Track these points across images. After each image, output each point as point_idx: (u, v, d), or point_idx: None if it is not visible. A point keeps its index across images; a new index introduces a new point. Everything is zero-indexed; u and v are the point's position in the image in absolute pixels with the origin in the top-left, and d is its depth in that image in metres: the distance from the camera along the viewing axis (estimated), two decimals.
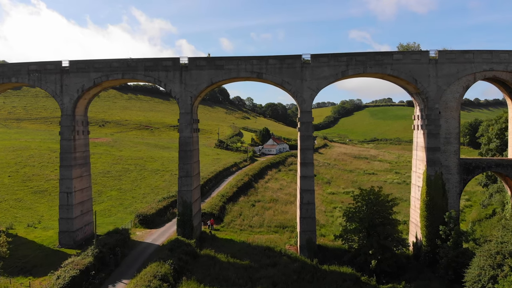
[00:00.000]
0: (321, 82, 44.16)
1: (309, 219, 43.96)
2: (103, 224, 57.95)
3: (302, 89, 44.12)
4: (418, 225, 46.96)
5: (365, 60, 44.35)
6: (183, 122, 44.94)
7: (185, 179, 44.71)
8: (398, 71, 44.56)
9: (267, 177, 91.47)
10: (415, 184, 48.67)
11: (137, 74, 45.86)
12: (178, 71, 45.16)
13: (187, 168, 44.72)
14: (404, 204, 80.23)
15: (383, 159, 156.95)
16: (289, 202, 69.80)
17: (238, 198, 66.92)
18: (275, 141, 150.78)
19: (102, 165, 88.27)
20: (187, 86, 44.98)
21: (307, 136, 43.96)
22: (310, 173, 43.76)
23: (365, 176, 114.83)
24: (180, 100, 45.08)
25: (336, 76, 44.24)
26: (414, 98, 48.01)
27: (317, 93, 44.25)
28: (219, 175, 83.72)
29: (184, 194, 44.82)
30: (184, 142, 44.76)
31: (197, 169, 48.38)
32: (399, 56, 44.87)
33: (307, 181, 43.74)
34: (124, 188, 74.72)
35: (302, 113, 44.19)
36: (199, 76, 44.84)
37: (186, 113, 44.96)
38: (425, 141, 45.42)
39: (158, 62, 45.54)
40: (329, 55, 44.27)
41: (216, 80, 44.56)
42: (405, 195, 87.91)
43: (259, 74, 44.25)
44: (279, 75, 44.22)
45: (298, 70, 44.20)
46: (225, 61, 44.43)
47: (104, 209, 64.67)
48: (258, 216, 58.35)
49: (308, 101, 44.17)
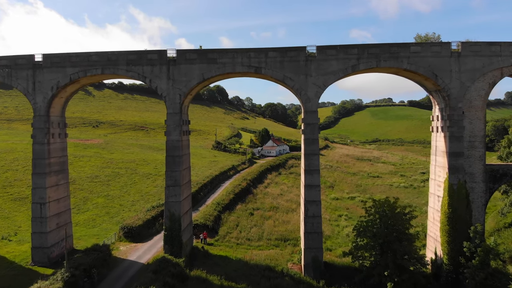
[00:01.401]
0: (328, 77, 38.60)
1: (314, 234, 38.39)
2: (85, 236, 52.40)
3: (306, 86, 38.57)
4: (437, 240, 41.45)
5: (378, 53, 38.84)
6: (171, 124, 39.35)
7: (173, 188, 39.12)
8: (416, 66, 39.08)
9: (267, 181, 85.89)
10: (434, 193, 43.11)
11: (118, 69, 40.28)
12: (165, 66, 39.60)
13: (176, 176, 39.12)
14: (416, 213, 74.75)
15: (386, 161, 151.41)
16: (291, 210, 64.22)
17: (235, 206, 61.32)
18: (275, 142, 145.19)
19: (91, 169, 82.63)
20: (175, 83, 39.40)
21: (312, 139, 38.39)
22: (316, 181, 38.20)
23: (370, 180, 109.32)
24: (167, 98, 39.51)
25: (345, 71, 38.70)
26: (433, 96, 42.48)
27: (324, 90, 38.73)
28: (215, 179, 78.12)
29: (171, 206, 39.23)
30: (172, 146, 39.16)
31: (188, 177, 42.80)
32: (417, 48, 39.35)
33: (312, 191, 38.17)
34: (112, 194, 69.08)
35: (307, 114, 38.62)
36: (189, 71, 39.27)
37: (174, 113, 39.37)
38: (446, 145, 39.89)
39: (142, 55, 39.99)
40: (338, 47, 38.73)
41: (209, 75, 38.99)
42: (414, 201, 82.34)
43: (258, 68, 38.70)
44: (280, 70, 38.67)
45: (302, 64, 38.64)
46: (219, 54, 38.87)
47: (88, 218, 59.04)
48: (257, 227, 52.73)
49: (314, 100, 38.62)
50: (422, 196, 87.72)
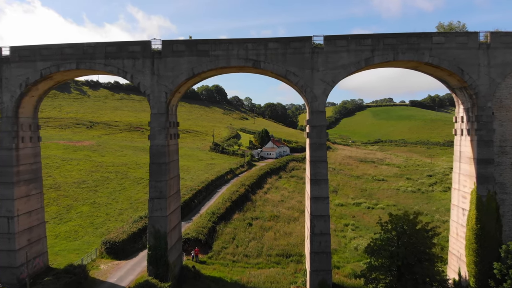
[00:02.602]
0: (338, 72, 33.25)
1: (322, 255, 33.03)
2: (64, 251, 47.04)
3: (312, 82, 33.23)
4: (462, 260, 36.15)
5: (396, 44, 33.54)
6: (156, 126, 33.99)
7: (158, 201, 33.75)
8: (439, 59, 33.79)
9: (267, 186, 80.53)
10: (458, 205, 37.76)
11: (95, 64, 34.92)
12: (149, 59, 34.25)
13: (161, 187, 33.75)
14: (425, 219, 69.35)
15: (390, 162, 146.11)
16: (293, 219, 58.88)
17: (231, 215, 55.95)
18: (275, 144, 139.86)
19: (79, 174, 77.22)
20: (160, 78, 34.05)
21: (319, 144, 33.03)
22: (323, 193, 32.85)
23: (375, 183, 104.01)
24: (151, 96, 34.16)
25: (358, 65, 33.36)
26: (457, 94, 37.16)
27: (333, 87, 33.41)
28: (211, 184, 72.76)
29: (156, 222, 33.85)
30: (156, 152, 33.79)
31: (176, 186, 37.42)
32: (441, 38, 34.03)
33: (320, 204, 32.81)
34: (98, 202, 63.69)
35: (313, 114, 33.28)
36: (176, 65, 33.92)
37: (159, 114, 34.00)
38: (473, 150, 34.57)
39: (123, 47, 34.64)
40: (349, 37, 33.41)
41: (199, 70, 33.64)
42: (424, 208, 76.98)
43: (256, 62, 33.34)
44: (283, 64, 33.33)
45: (307, 57, 33.31)
46: (211, 45, 33.52)
47: (70, 230, 53.64)
48: (255, 240, 47.37)
49: (321, 98, 33.27)
50: (432, 202, 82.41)
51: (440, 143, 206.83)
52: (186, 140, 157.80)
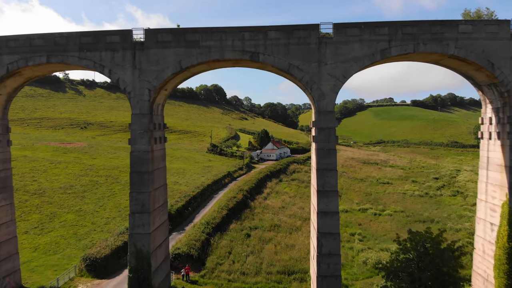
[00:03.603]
0: (349, 66, 28.57)
1: (331, 278, 28.33)
2: (41, 267, 42.33)
3: (320, 77, 28.55)
4: (490, 281, 31.42)
5: (416, 34, 28.87)
6: (137, 128, 29.32)
7: (139, 216, 29.05)
8: (466, 51, 29.12)
9: (266, 190, 75.81)
10: (484, 219, 33.03)
11: (68, 56, 30.23)
12: (129, 51, 29.56)
13: (144, 200, 29.06)
14: (436, 226, 64.73)
15: (394, 164, 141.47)
16: (295, 229, 54.18)
17: (228, 225, 51.22)
18: (275, 145, 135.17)
19: (66, 178, 72.49)
20: (143, 73, 29.36)
21: (328, 150, 28.33)
22: (333, 207, 28.15)
23: (379, 187, 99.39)
24: (132, 94, 29.49)
25: (372, 58, 28.67)
26: (484, 92, 32.46)
27: (343, 83, 28.73)
28: (207, 190, 68.08)
29: (138, 240, 29.16)
30: (137, 159, 29.11)
31: (163, 197, 32.71)
32: (468, 27, 29.36)
33: (328, 220, 28.11)
34: (85, 209, 58.98)
35: (320, 115, 28.59)
36: (162, 57, 29.24)
37: (141, 114, 29.32)
38: (505, 157, 29.88)
39: (100, 37, 29.95)
40: (362, 25, 28.74)
41: (188, 63, 28.95)
42: (434, 214, 72.31)
43: (254, 54, 28.65)
44: (285, 56, 28.64)
45: (313, 48, 28.62)
46: (202, 35, 28.84)
47: (50, 241, 48.91)
48: (254, 255, 42.64)
49: (329, 96, 28.59)
50: (441, 207, 77.74)
51: (444, 144, 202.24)
52: (184, 141, 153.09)
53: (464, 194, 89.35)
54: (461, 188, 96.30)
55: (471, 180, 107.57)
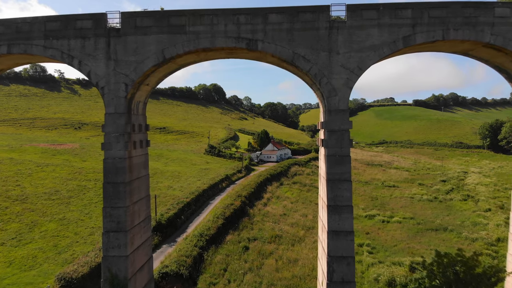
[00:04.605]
0: (366, 56, 23.80)
1: None
2: (13, 286, 37.51)
3: (330, 69, 23.77)
4: None
5: (446, 17, 24.12)
6: (112, 131, 24.53)
7: (114, 235, 24.29)
8: (504, 38, 24.37)
9: (266, 195, 71.04)
10: None
11: (32, 46, 25.47)
12: (103, 38, 24.79)
13: (119, 216, 24.28)
14: (450, 236, 60.00)
15: (399, 166, 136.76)
16: (298, 240, 49.44)
17: (224, 236, 46.46)
18: (275, 146, 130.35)
19: (52, 182, 67.75)
20: (119, 65, 24.59)
21: (340, 156, 23.56)
22: (347, 225, 23.39)
23: (385, 190, 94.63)
24: (106, 89, 24.72)
25: (393, 46, 23.89)
26: None
27: (359, 76, 23.99)
28: (202, 195, 63.32)
29: (113, 264, 24.38)
30: (112, 167, 24.31)
31: (145, 211, 27.90)
32: (505, 10, 24.63)
33: (341, 241, 23.34)
34: (69, 217, 54.24)
35: (331, 114, 23.82)
36: (141, 46, 24.48)
37: (117, 114, 24.54)
38: None
39: (69, 22, 25.20)
40: (381, 7, 23.99)
41: (173, 53, 24.19)
42: (446, 221, 67.45)
43: (251, 42, 23.87)
44: (288, 44, 23.86)
45: (323, 34, 23.85)
46: (189, 19, 24.08)
47: (27, 254, 44.13)
48: (252, 272, 37.85)
49: (342, 92, 23.82)
50: (453, 213, 72.95)
51: (449, 145, 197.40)
52: (181, 142, 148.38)
53: (475, 199, 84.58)
54: (471, 192, 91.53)
55: (480, 183, 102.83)
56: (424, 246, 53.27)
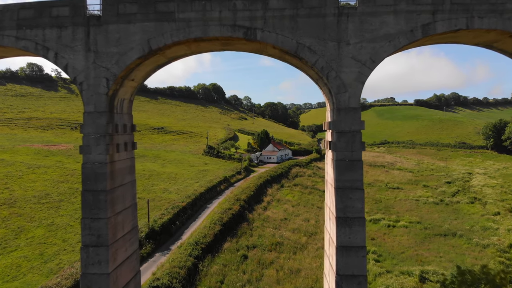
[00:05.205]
0: (380, 46, 20.93)
1: None
2: None
3: (339, 62, 20.92)
4: None
5: (470, 4, 21.26)
6: (91, 132, 21.68)
7: (95, 251, 21.43)
8: None
9: (266, 199, 68.18)
10: None
11: (3, 37, 22.65)
12: (82, 27, 21.93)
13: (99, 228, 21.42)
14: (460, 242, 57.12)
15: (402, 167, 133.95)
16: (300, 247, 46.57)
17: (221, 244, 43.59)
18: (275, 147, 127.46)
19: (43, 185, 64.91)
20: (99, 57, 21.72)
21: (351, 161, 20.71)
22: (358, 240, 20.54)
23: (389, 192, 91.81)
24: (85, 85, 21.84)
25: (411, 36, 21.03)
26: None
27: (372, 69, 21.15)
28: (199, 199, 60.47)
29: (93, 283, 21.51)
30: (91, 173, 21.45)
31: (130, 223, 24.99)
32: None
33: (352, 258, 20.48)
34: (57, 223, 51.41)
35: (341, 113, 20.97)
36: (124, 35, 21.62)
37: (97, 112, 21.67)
38: None
39: (44, 9, 22.34)
40: None
41: (159, 43, 21.33)
42: (454, 225, 64.53)
43: (250, 30, 21.01)
44: (291, 33, 21.00)
45: (331, 21, 21.00)
46: (178, 4, 21.24)
47: (11, 263, 41.25)
48: (251, 285, 34.88)
49: (353, 87, 20.96)
50: (460, 217, 70.04)
51: (451, 145, 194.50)
52: (179, 142, 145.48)
53: (482, 201, 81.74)
54: (477, 194, 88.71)
55: (486, 185, 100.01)
56: (433, 253, 50.38)
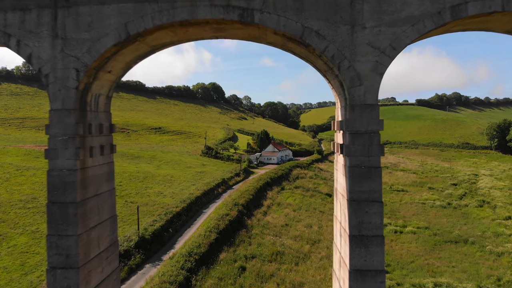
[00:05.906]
0: (401, 31, 17.59)
1: None
2: None
3: (353, 50, 17.60)
4: None
5: None
6: (58, 133, 18.33)
7: (62, 274, 18.10)
8: None
9: (266, 203, 64.85)
10: None
11: None
12: (49, 10, 18.61)
13: (68, 247, 18.11)
14: (472, 249, 53.78)
15: (405, 168, 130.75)
16: (302, 256, 43.26)
17: (217, 254, 40.23)
18: (276, 147, 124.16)
19: (30, 188, 61.58)
20: (68, 45, 18.39)
21: (368, 168, 17.43)
22: (376, 262, 17.23)
23: (394, 195, 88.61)
24: (51, 77, 18.51)
25: (438, 18, 17.68)
26: None
27: (392, 59, 17.84)
28: (195, 204, 57.13)
29: None
30: (59, 182, 18.13)
31: (108, 239, 21.60)
32: None
33: (368, 283, 17.23)
34: (42, 229, 48.09)
35: (355, 110, 17.66)
36: (97, 18, 18.29)
37: (65, 110, 18.35)
38: None
39: None
40: None
41: (139, 27, 17.99)
42: (465, 231, 61.13)
43: (246, 12, 17.66)
44: (296, 15, 17.67)
45: (343, 1, 17.67)
46: None
47: None
48: None
49: (370, 79, 17.66)
50: (470, 222, 66.73)
51: (455, 145, 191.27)
52: (177, 142, 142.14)
53: (491, 204, 78.43)
54: (486, 197, 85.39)
55: (494, 187, 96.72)
56: (444, 263, 47.07)
